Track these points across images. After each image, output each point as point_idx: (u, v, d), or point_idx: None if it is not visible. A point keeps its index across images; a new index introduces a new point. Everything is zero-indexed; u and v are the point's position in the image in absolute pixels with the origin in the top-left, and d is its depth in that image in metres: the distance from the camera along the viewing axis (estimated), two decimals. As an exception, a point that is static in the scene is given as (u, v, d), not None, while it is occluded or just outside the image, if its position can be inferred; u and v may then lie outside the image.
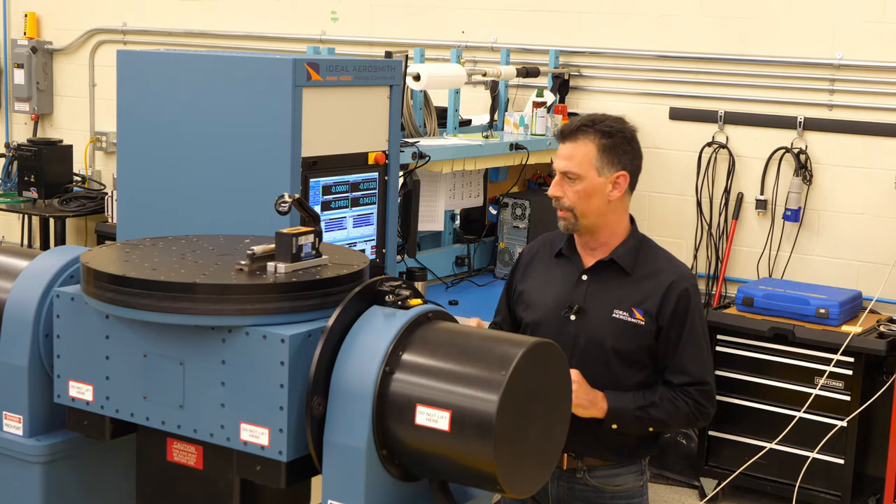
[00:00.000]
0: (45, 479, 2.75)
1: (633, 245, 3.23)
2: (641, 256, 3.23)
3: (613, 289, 3.21)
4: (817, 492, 5.44)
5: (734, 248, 6.19)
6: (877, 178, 5.81)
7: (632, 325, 3.16)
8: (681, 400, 3.16)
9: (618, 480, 3.26)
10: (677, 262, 3.29)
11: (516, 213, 5.75)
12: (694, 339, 3.17)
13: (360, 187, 4.16)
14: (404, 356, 2.36)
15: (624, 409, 3.15)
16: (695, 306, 3.20)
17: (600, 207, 3.18)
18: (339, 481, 2.35)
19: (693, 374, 3.17)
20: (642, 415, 3.15)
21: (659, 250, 3.30)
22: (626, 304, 3.17)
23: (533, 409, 2.34)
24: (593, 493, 3.26)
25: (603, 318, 3.19)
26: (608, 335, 3.18)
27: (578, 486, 3.26)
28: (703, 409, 3.19)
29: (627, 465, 3.27)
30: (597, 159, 3.15)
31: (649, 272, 3.21)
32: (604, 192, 3.16)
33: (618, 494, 3.27)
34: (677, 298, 3.16)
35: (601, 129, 3.17)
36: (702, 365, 3.19)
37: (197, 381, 2.46)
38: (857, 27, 5.82)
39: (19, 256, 2.95)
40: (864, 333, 5.37)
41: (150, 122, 4.11)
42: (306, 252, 2.56)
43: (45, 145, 7.72)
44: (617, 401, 3.15)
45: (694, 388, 3.17)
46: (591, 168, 3.15)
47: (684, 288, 3.18)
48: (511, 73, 6.20)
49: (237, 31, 7.68)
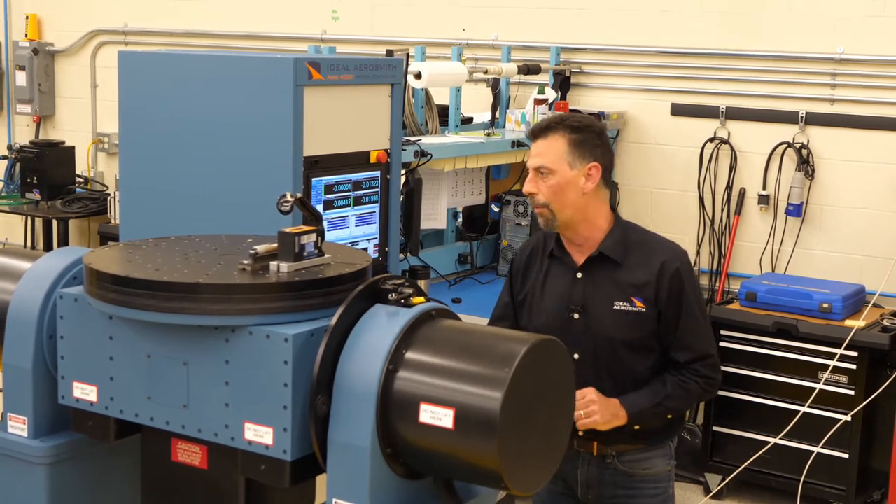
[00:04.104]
0: (49, 480, 2.76)
1: (619, 235, 3.30)
2: (630, 244, 3.29)
3: (609, 282, 3.27)
4: (822, 486, 5.43)
5: (737, 243, 6.19)
6: (879, 172, 5.80)
7: (634, 314, 3.23)
8: (691, 382, 3.25)
9: (646, 465, 3.34)
10: (666, 243, 3.35)
11: (518, 211, 5.75)
12: (692, 315, 3.26)
13: (362, 186, 4.16)
14: (408, 354, 2.36)
15: (641, 409, 3.23)
16: (688, 282, 3.27)
17: (576, 200, 3.24)
18: (343, 480, 2.36)
19: (697, 350, 3.27)
20: (659, 409, 3.25)
21: (646, 234, 3.37)
22: (625, 295, 3.24)
23: (536, 406, 2.34)
24: (622, 478, 3.33)
25: (605, 313, 3.25)
26: (614, 328, 3.24)
27: (608, 472, 3.34)
28: (712, 381, 3.30)
29: (656, 448, 3.35)
30: (568, 153, 3.23)
31: (640, 259, 3.27)
32: (577, 185, 3.23)
33: (647, 478, 3.34)
34: (670, 279, 3.24)
35: (570, 124, 3.26)
36: (703, 339, 3.29)
37: (201, 381, 2.46)
38: (857, 21, 5.81)
39: (22, 258, 2.95)
40: (868, 328, 5.37)
41: (152, 122, 4.11)
42: (309, 251, 2.56)
43: (47, 147, 7.73)
44: (634, 405, 3.23)
45: (699, 363, 3.27)
46: (563, 162, 3.23)
47: (675, 268, 3.25)
48: (512, 70, 6.20)
49: (238, 31, 7.68)
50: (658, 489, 3.37)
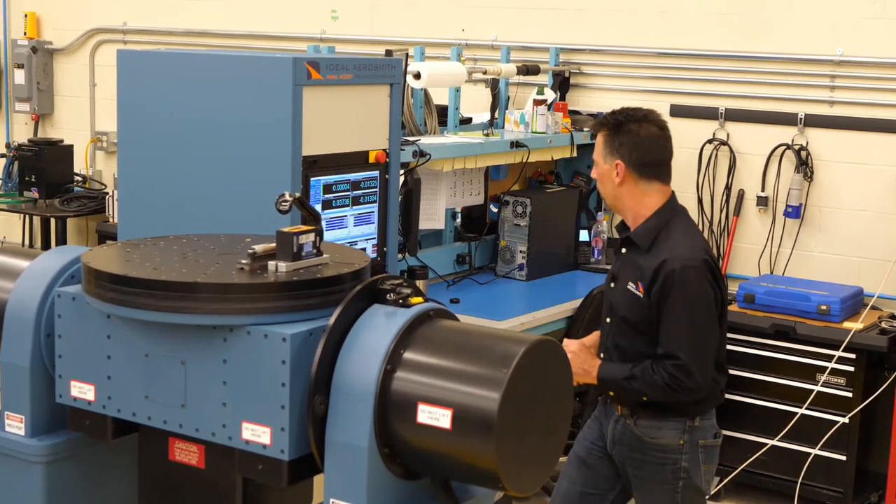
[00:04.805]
0: (47, 479, 2.75)
1: (652, 224, 3.55)
2: (661, 235, 3.53)
3: (633, 263, 3.55)
4: (819, 488, 5.43)
5: (735, 244, 6.19)
6: (878, 173, 5.80)
7: (635, 296, 3.51)
8: (658, 373, 3.43)
9: (656, 434, 3.53)
10: (682, 244, 3.51)
11: (517, 211, 5.75)
12: (674, 315, 3.43)
13: (360, 186, 4.16)
14: (406, 354, 2.36)
15: (611, 378, 3.53)
16: (680, 285, 3.42)
17: (612, 191, 3.59)
18: (341, 480, 2.36)
19: (667, 347, 3.44)
20: (627, 385, 3.49)
21: (677, 231, 3.56)
22: (636, 278, 3.51)
23: (534, 407, 2.34)
24: (635, 441, 3.56)
25: (622, 289, 3.57)
26: (622, 304, 3.55)
27: (627, 434, 3.58)
28: (679, 383, 3.42)
29: (667, 420, 3.52)
30: (603, 147, 3.59)
31: (658, 250, 3.50)
32: (611, 178, 3.57)
33: (655, 447, 3.53)
34: (665, 277, 3.43)
35: (608, 119, 3.61)
36: (677, 340, 3.43)
37: (198, 381, 2.46)
38: (857, 23, 5.81)
39: (20, 257, 2.95)
40: (866, 330, 5.36)
41: (151, 121, 4.11)
42: (307, 251, 2.56)
43: (45, 145, 7.72)
44: (604, 371, 3.54)
45: (668, 361, 3.43)
46: (600, 155, 3.60)
47: (672, 268, 3.43)
48: (511, 70, 6.20)
49: (237, 30, 7.67)
50: (666, 459, 3.52)
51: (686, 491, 3.54)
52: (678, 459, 3.52)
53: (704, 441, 3.55)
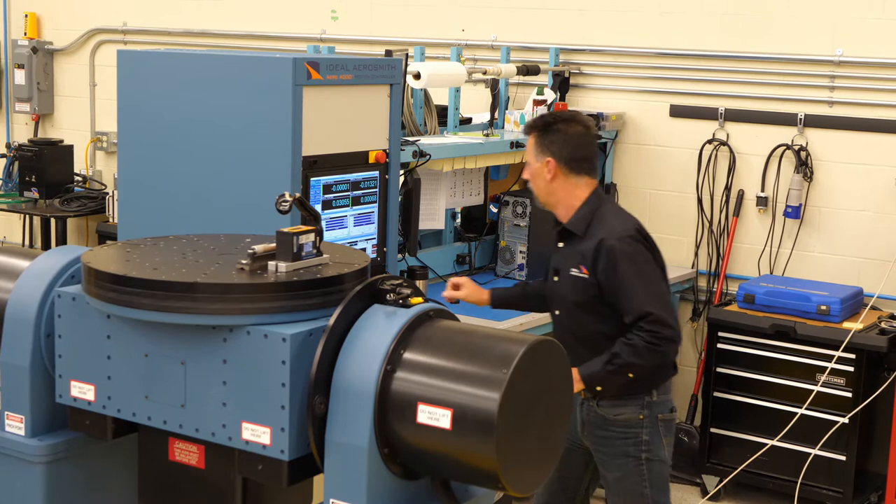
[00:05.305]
0: (46, 479, 2.76)
1: (585, 212, 3.80)
2: (594, 221, 3.78)
3: (572, 251, 3.79)
4: (819, 488, 5.43)
5: (735, 245, 6.19)
6: (878, 174, 5.80)
7: (580, 279, 3.74)
8: (635, 338, 3.63)
9: (617, 411, 3.80)
10: (614, 223, 3.76)
11: (517, 212, 5.75)
12: (627, 282, 3.66)
13: (360, 186, 4.16)
14: (406, 355, 2.36)
15: (594, 372, 3.69)
16: (622, 255, 3.67)
17: (545, 187, 3.84)
18: (340, 480, 2.36)
19: (635, 310, 3.64)
20: (612, 367, 3.66)
21: (608, 214, 3.81)
22: (577, 263, 3.75)
23: (534, 407, 2.34)
24: (600, 420, 3.82)
25: (566, 277, 3.80)
26: (569, 290, 3.79)
27: (592, 414, 3.84)
28: (658, 336, 3.62)
29: (625, 398, 3.78)
30: (534, 148, 3.84)
31: (593, 233, 3.75)
32: (543, 175, 3.82)
33: (617, 423, 3.80)
34: (605, 254, 3.67)
35: (537, 122, 3.87)
36: (639, 299, 3.65)
37: (198, 381, 2.46)
38: (857, 23, 5.82)
39: (20, 257, 2.96)
40: (866, 330, 5.37)
41: (151, 121, 4.11)
42: (307, 251, 2.56)
43: (45, 145, 7.71)
44: (586, 369, 3.70)
45: (642, 321, 3.63)
46: (532, 156, 3.85)
47: (610, 245, 3.67)
48: (511, 71, 6.20)
49: (237, 30, 7.67)
50: (629, 434, 3.79)
51: (649, 463, 3.81)
52: (639, 433, 3.79)
53: (662, 415, 3.82)
